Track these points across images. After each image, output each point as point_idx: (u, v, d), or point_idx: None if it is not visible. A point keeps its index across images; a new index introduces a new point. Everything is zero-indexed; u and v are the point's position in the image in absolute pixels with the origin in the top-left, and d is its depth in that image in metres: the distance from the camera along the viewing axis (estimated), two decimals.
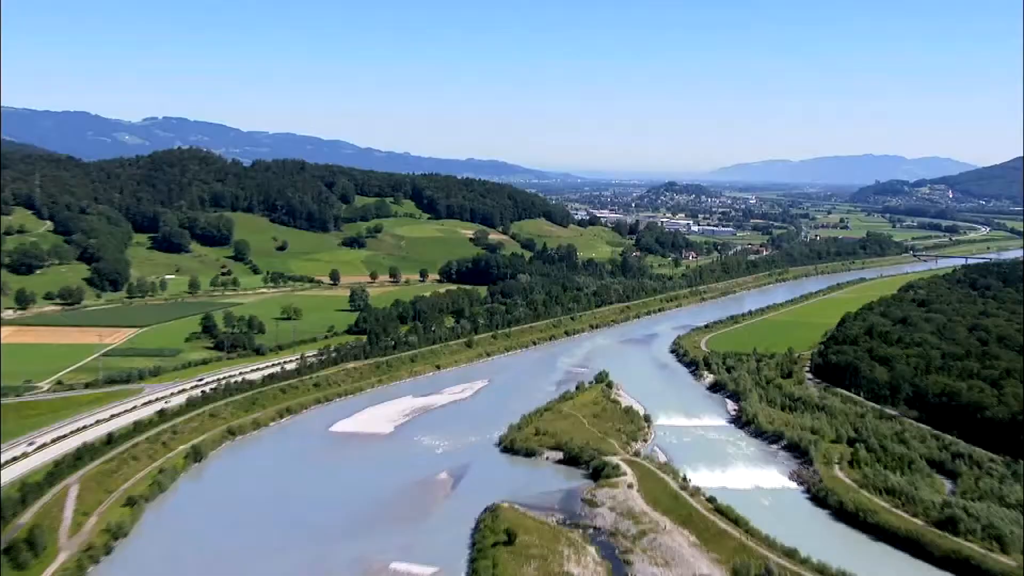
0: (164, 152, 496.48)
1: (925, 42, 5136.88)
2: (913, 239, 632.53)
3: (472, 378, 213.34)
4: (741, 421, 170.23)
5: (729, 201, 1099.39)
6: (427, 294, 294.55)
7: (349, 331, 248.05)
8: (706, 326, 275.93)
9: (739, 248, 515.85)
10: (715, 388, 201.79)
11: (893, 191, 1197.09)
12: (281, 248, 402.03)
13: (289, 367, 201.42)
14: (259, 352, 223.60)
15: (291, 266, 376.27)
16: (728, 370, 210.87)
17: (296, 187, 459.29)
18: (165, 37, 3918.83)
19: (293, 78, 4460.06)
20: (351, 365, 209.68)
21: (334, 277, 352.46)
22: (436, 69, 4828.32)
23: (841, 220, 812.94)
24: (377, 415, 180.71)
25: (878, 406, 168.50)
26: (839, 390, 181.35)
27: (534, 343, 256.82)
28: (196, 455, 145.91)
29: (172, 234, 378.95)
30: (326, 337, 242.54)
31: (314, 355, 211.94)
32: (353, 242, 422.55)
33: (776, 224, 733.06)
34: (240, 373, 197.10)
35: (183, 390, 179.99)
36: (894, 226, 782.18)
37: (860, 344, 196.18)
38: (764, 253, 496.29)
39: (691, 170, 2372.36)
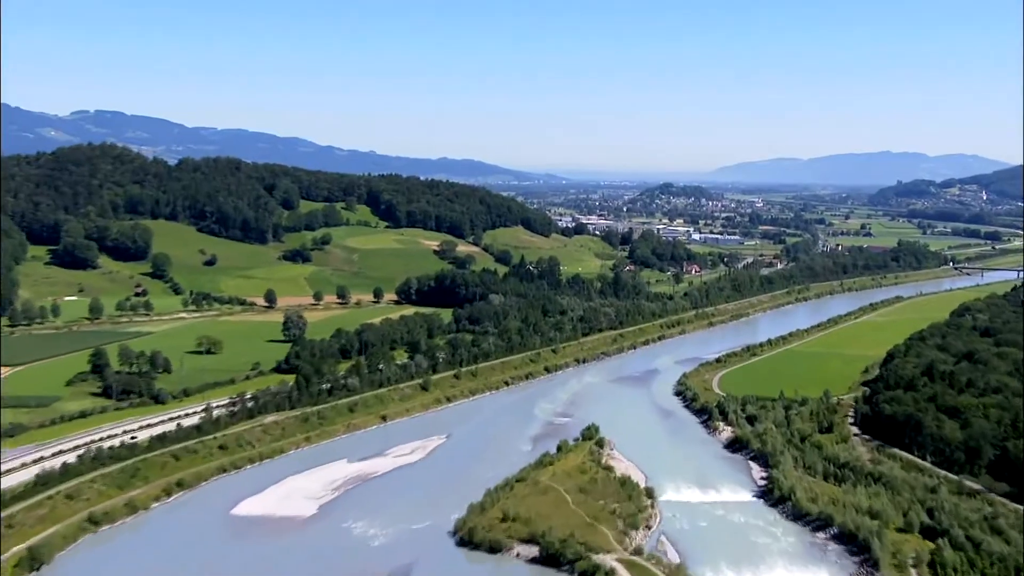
0: (70, 148, 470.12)
1: (948, 27, 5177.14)
2: (949, 248, 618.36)
3: (427, 432, 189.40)
4: (773, 496, 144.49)
5: (733, 205, 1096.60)
6: (378, 320, 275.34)
7: (278, 369, 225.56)
8: (718, 359, 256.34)
9: (749, 260, 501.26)
10: (735, 446, 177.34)
11: (918, 192, 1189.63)
12: (209, 263, 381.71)
13: (192, 421, 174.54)
14: (158, 400, 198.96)
15: (220, 285, 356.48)
16: (750, 421, 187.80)
17: (230, 190, 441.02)
18: (99, 21, 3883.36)
19: (246, 69, 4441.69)
20: (271, 418, 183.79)
21: (270, 298, 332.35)
22: (405, 59, 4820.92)
23: (863, 226, 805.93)
24: (298, 489, 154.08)
25: (953, 475, 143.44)
26: (897, 452, 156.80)
27: (506, 383, 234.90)
28: (34, 561, 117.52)
29: (76, 247, 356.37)
30: (248, 378, 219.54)
31: (226, 404, 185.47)
32: (296, 256, 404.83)
33: (789, 231, 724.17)
34: (125, 431, 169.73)
35: (40, 459, 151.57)
36: (924, 232, 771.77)
37: (919, 389, 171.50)
38: (779, 266, 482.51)
39: (689, 170, 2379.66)
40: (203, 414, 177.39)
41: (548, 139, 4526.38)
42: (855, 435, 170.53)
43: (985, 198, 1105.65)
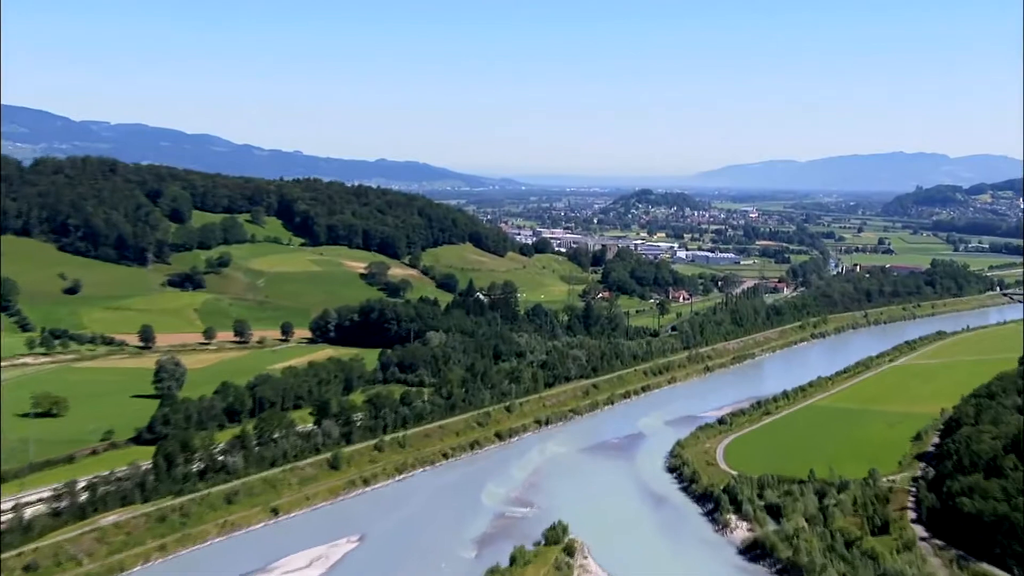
0: None
1: (969, 6, 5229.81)
2: (991, 268, 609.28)
3: (333, 532, 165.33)
4: None
5: (722, 215, 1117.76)
6: (282, 367, 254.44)
7: (138, 439, 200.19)
8: (720, 420, 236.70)
9: (749, 285, 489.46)
10: (754, 552, 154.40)
11: (942, 200, 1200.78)
12: (71, 291, 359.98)
13: None
14: None
15: (83, 319, 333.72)
16: (772, 513, 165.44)
17: (101, 198, 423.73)
18: None
19: (145, 50, 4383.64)
20: (113, 518, 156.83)
21: (146, 336, 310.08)
22: (336, 42, 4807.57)
23: (880, 241, 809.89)
24: None
25: None
26: (987, 569, 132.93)
27: (445, 456, 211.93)
28: None
29: None
30: (95, 452, 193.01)
31: (49, 498, 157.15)
32: (185, 281, 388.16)
33: (793, 247, 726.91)
34: None
35: None
36: (956, 249, 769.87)
37: (1007, 473, 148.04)
38: (786, 292, 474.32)
39: (668, 173, 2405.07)
40: (11, 514, 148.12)
41: (505, 138, 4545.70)
42: (921, 539, 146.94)
43: (1023, 206, 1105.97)
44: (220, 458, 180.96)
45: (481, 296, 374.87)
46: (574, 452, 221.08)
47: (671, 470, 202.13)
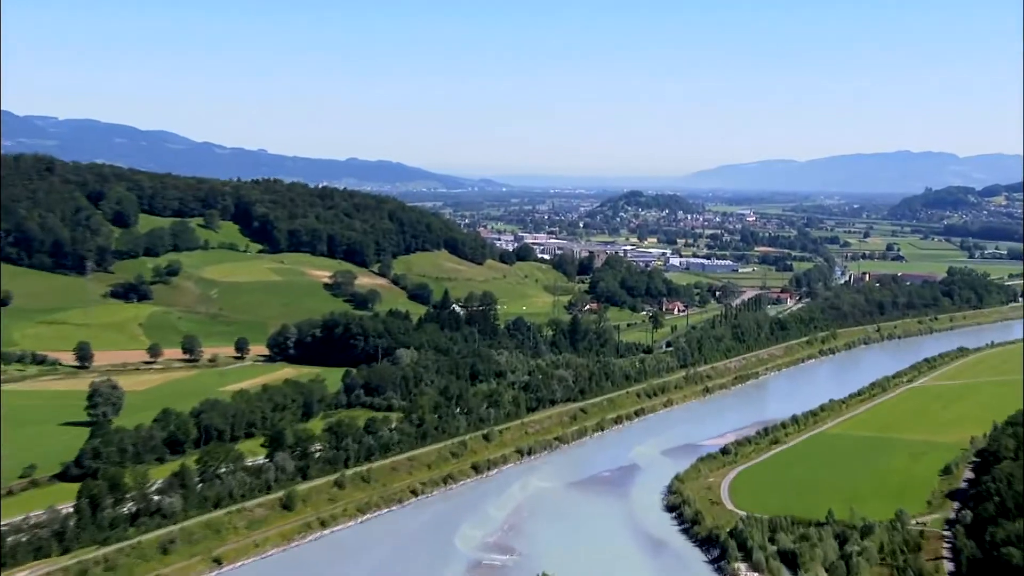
0: None
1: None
2: (1011, 277, 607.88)
3: None
4: None
5: (717, 219, 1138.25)
6: (233, 388, 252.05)
7: (64, 475, 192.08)
8: (724, 450, 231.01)
9: (749, 295, 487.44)
10: None
11: (953, 202, 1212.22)
12: (0, 303, 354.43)
13: None
14: None
15: (14, 334, 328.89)
16: (787, 561, 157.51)
17: (36, 200, 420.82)
18: None
19: (97, 40, 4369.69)
20: (23, 575, 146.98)
21: (83, 355, 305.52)
22: (303, 32, 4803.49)
23: (889, 247, 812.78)
24: None
25: None
26: None
27: (415, 492, 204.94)
28: None
29: None
30: (11, 493, 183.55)
31: None
32: (130, 291, 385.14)
33: (795, 254, 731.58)
34: None
35: None
36: (971, 256, 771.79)
37: None
38: (790, 304, 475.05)
39: (659, 174, 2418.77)
40: None
41: (485, 136, 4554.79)
42: None
43: None
44: (156, 499, 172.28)
45: (457, 309, 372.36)
46: (560, 487, 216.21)
47: (670, 509, 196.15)
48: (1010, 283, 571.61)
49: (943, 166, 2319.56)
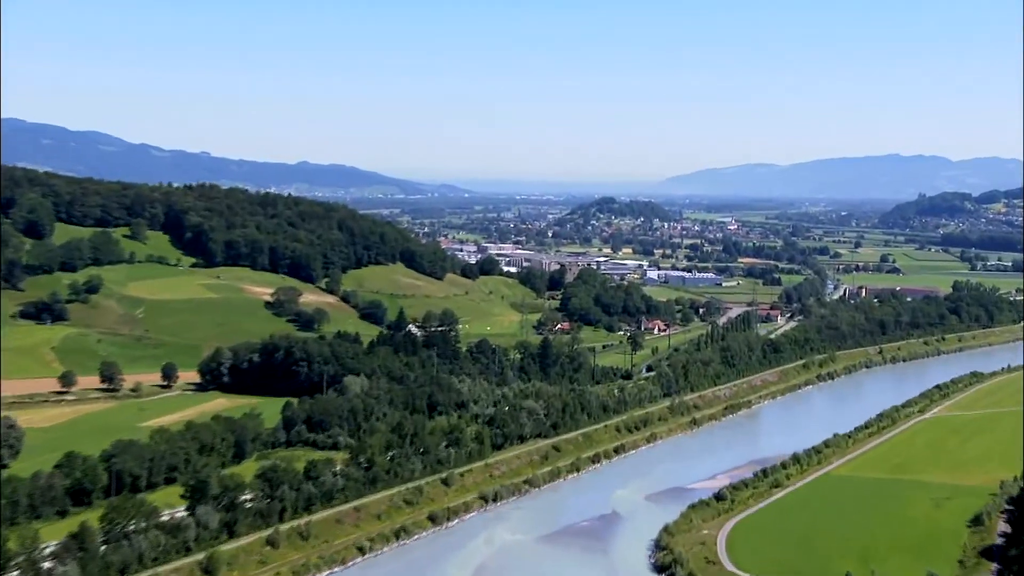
0: None
1: None
2: (1018, 291, 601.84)
3: None
4: None
5: (696, 227, 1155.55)
6: (155, 423, 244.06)
7: None
8: (718, 495, 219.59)
9: (736, 312, 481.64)
10: None
11: (948, 209, 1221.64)
12: None
13: None
14: None
15: None
16: None
17: None
18: None
19: (16, 28, 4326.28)
20: None
21: None
22: (248, 25, 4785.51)
23: (883, 258, 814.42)
24: None
25: None
26: None
27: (361, 550, 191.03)
28: None
29: None
30: None
31: None
32: (43, 311, 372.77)
33: (782, 265, 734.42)
34: None
35: None
36: (972, 268, 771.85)
37: None
38: (782, 322, 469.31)
39: (633, 179, 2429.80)
40: None
41: (445, 138, 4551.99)
42: None
43: None
44: (47, 566, 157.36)
45: (414, 329, 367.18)
46: (531, 541, 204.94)
47: (659, 569, 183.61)
48: (1019, 298, 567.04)
49: (935, 170, 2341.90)
